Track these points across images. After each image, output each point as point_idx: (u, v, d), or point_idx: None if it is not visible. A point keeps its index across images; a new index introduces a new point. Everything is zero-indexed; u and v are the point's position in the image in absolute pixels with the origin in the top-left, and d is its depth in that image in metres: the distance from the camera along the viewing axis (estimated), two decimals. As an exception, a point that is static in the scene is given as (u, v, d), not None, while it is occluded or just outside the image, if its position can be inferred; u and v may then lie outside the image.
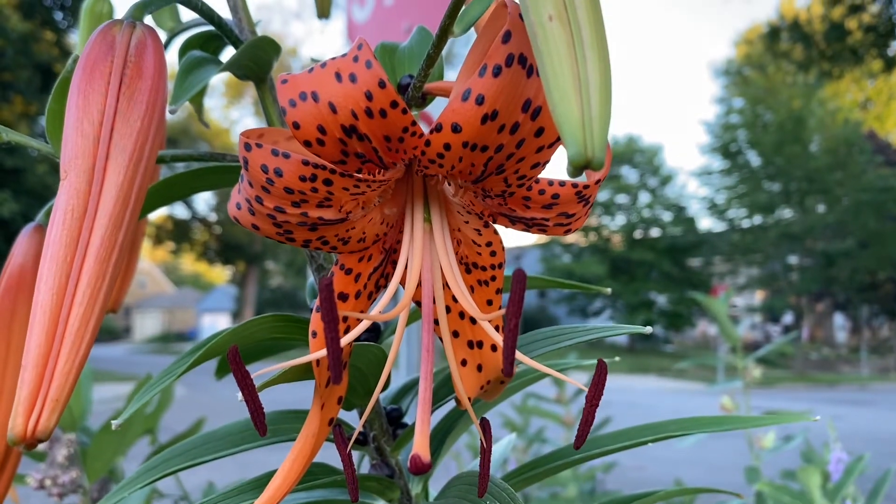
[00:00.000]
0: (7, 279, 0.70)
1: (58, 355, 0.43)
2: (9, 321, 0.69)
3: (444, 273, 0.52)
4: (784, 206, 32.68)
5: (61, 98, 0.64)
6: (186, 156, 0.71)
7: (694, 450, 9.43)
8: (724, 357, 4.43)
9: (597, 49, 0.39)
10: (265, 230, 0.54)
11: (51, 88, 0.65)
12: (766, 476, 3.64)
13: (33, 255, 0.71)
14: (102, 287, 0.45)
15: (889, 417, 14.56)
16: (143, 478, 0.71)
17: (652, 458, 9.25)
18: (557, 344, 0.64)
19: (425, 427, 0.45)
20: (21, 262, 0.70)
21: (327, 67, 0.46)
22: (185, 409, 2.32)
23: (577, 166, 0.36)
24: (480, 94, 0.45)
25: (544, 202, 0.53)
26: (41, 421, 0.41)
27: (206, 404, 14.34)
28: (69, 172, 0.46)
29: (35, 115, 23.96)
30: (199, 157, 0.72)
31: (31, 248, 0.71)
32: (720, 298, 4.22)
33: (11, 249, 0.72)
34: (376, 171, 0.50)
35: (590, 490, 4.04)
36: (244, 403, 0.51)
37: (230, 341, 0.64)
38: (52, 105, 0.65)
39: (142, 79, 0.50)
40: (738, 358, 4.15)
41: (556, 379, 4.32)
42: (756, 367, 4.25)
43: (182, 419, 2.54)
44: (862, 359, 27.95)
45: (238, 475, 2.66)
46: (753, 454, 3.79)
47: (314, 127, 0.46)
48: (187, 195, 0.75)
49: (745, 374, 4.16)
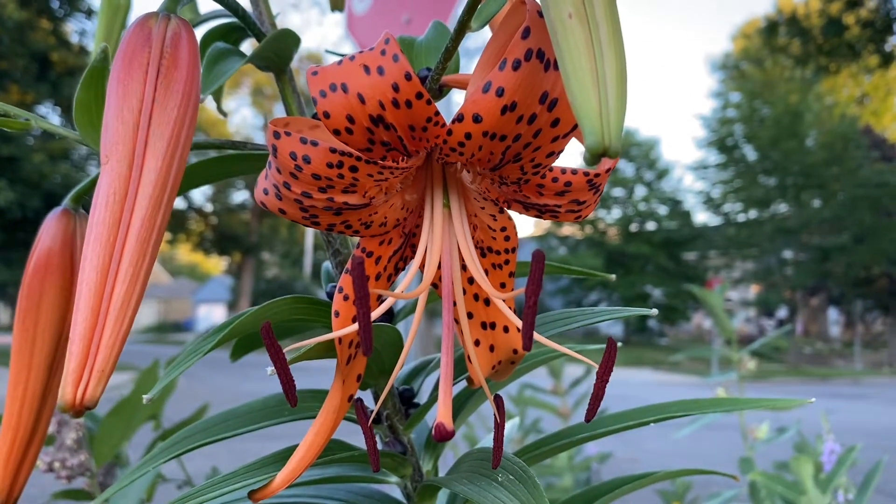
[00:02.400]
0: (36, 261, 0.72)
1: (102, 330, 0.45)
2: (37, 301, 0.72)
3: (461, 255, 0.55)
4: (780, 201, 32.77)
5: (89, 88, 0.67)
6: (207, 144, 0.74)
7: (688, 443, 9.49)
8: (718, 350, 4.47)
9: (613, 45, 0.42)
10: (292, 214, 0.57)
11: (47, 77, 0.68)
12: (760, 467, 3.68)
13: (61, 237, 0.73)
14: (143, 265, 0.48)
15: (882, 411, 14.66)
16: (171, 451, 0.73)
17: (646, 451, 9.31)
18: (568, 325, 0.67)
19: (448, 398, 0.48)
20: (49, 245, 0.72)
21: (356, 60, 0.49)
22: (183, 399, 2.35)
23: (595, 154, 0.39)
24: (500, 87, 0.48)
25: (557, 189, 0.56)
26: (88, 389, 0.44)
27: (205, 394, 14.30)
28: (111, 157, 0.48)
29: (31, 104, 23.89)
30: (219, 145, 0.75)
31: (59, 231, 0.73)
32: (716, 291, 4.24)
33: (38, 232, 0.74)
34: (400, 159, 0.53)
35: (585, 479, 4.08)
36: (242, 395, 0.54)
37: (254, 321, 0.67)
38: (80, 95, 0.68)
39: (177, 69, 0.52)
40: (732, 351, 4.18)
41: (553, 370, 4.35)
42: (750, 359, 4.29)
43: (181, 409, 2.56)
44: (855, 353, 28.09)
45: (230, 463, 2.68)
46: (747, 445, 3.84)
47: (343, 116, 0.49)
48: (209, 182, 0.77)
49: (740, 367, 4.19)
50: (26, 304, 0.72)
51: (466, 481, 0.62)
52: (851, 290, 31.07)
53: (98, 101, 0.67)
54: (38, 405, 0.73)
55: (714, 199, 34.52)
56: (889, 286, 30.58)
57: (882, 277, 30.49)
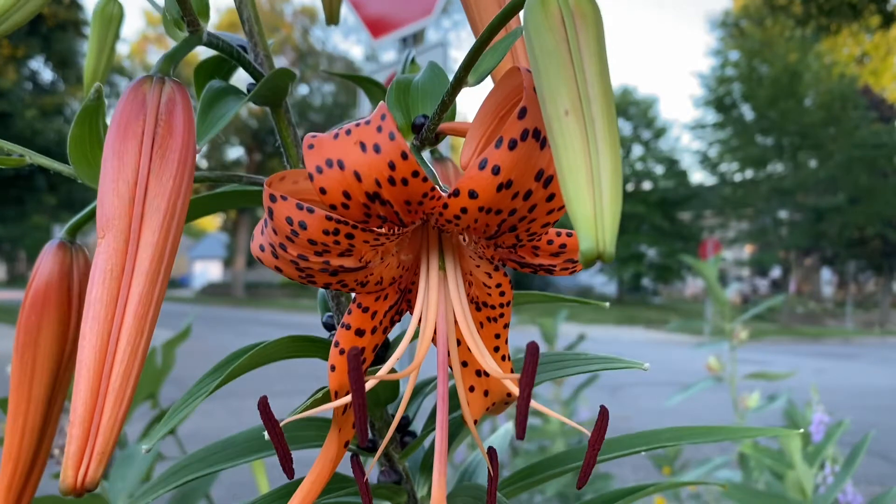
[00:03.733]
0: (33, 296, 0.73)
1: (102, 411, 0.46)
2: (35, 336, 0.73)
3: (457, 322, 0.55)
4: (776, 161, 32.70)
5: (83, 125, 0.67)
6: (202, 178, 0.74)
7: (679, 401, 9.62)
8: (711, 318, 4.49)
9: (609, 142, 0.42)
10: (288, 273, 0.57)
11: (38, 31, 0.67)
12: (749, 434, 3.73)
13: (58, 271, 0.74)
14: (141, 343, 0.48)
15: (871, 371, 14.85)
16: (163, 484, 0.75)
17: (637, 409, 9.44)
18: (562, 371, 0.68)
19: (442, 479, 0.49)
20: (46, 280, 0.73)
21: (352, 135, 0.49)
22: (182, 356, 2.37)
23: (590, 259, 0.40)
24: (497, 165, 0.48)
25: (552, 251, 0.57)
26: (89, 473, 0.45)
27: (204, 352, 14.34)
28: (107, 233, 0.48)
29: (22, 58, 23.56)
30: (215, 178, 0.75)
31: (56, 265, 0.73)
32: (710, 261, 4.25)
33: (35, 266, 0.75)
34: (396, 228, 0.53)
35: (577, 443, 4.14)
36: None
37: (251, 364, 0.67)
38: (74, 131, 0.67)
39: (172, 136, 0.52)
40: (725, 321, 4.21)
41: (547, 337, 4.37)
42: (743, 328, 4.32)
43: (179, 366, 2.57)
44: (847, 313, 28.34)
45: (228, 421, 2.68)
46: (738, 414, 3.89)
47: (340, 192, 0.49)
48: (204, 215, 0.78)
49: (733, 336, 4.22)
50: (24, 339, 0.73)
51: (460, 524, 0.63)
52: (845, 250, 31.21)
53: (92, 138, 0.67)
54: (38, 437, 0.74)
55: (711, 159, 34.45)
56: (882, 247, 30.72)
57: (875, 238, 30.61)
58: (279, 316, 26.88)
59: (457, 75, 0.58)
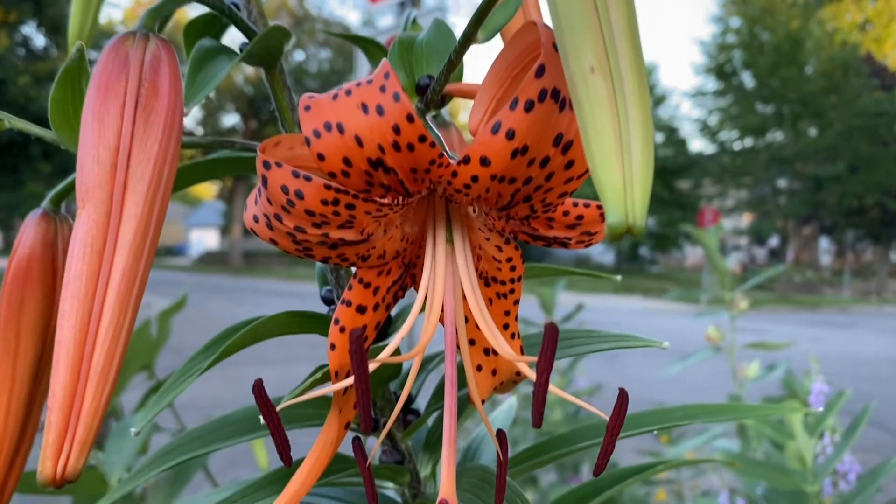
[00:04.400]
0: (15, 268, 0.69)
1: (83, 396, 0.42)
2: (18, 310, 0.69)
3: (466, 300, 0.51)
4: (776, 129, 32.51)
5: (64, 87, 0.62)
6: (193, 143, 0.70)
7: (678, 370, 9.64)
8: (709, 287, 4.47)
9: (639, 103, 0.38)
10: (284, 245, 0.53)
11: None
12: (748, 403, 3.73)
13: (41, 242, 0.70)
14: (125, 322, 0.44)
15: (868, 339, 14.89)
16: (157, 464, 0.72)
17: (635, 379, 9.46)
18: (573, 349, 0.64)
19: (452, 469, 0.45)
20: (28, 252, 0.69)
21: (353, 96, 0.45)
22: (177, 323, 2.34)
23: (618, 233, 0.36)
24: (511, 129, 0.44)
25: (568, 223, 0.53)
26: (70, 463, 0.42)
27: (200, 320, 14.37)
28: (87, 203, 0.44)
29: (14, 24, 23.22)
30: (206, 144, 0.71)
31: (39, 236, 0.70)
32: (711, 231, 4.21)
33: (18, 236, 0.71)
34: (400, 198, 0.49)
35: (574, 412, 4.14)
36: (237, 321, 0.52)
37: (246, 340, 0.64)
38: (55, 94, 0.63)
39: (158, 98, 0.48)
40: (725, 291, 4.19)
41: (545, 304, 4.35)
42: (743, 298, 4.30)
43: (175, 332, 2.54)
44: (844, 282, 28.39)
45: (225, 390, 2.65)
46: (737, 384, 3.88)
47: (339, 159, 0.45)
48: (195, 184, 0.73)
49: (733, 306, 4.20)
50: (6, 313, 0.69)
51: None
52: (843, 219, 31.18)
53: (75, 101, 0.62)
54: (24, 415, 0.71)
55: (710, 127, 34.22)
56: (881, 216, 30.69)
57: (874, 207, 30.57)
58: (277, 284, 26.87)
59: (466, 31, 0.54)
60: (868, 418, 2.70)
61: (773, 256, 36.87)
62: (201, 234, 51.88)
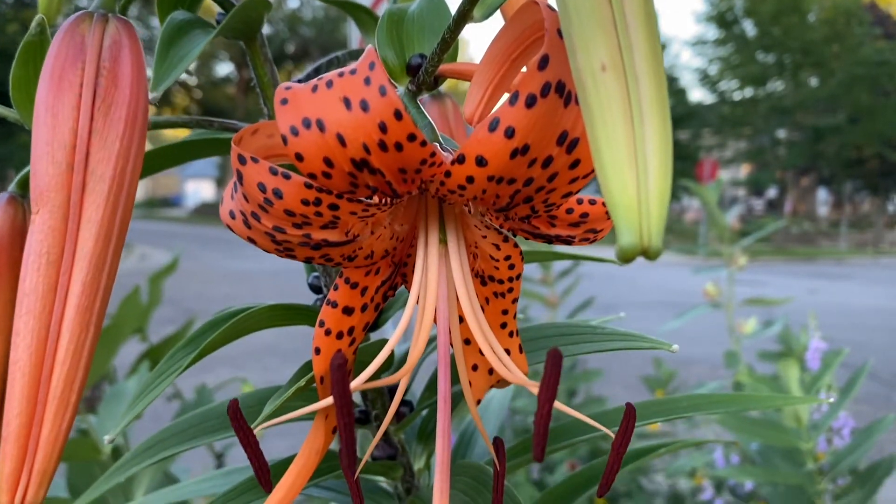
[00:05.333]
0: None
1: (41, 422, 0.39)
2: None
3: (461, 306, 0.47)
4: (777, 79, 32.15)
5: (26, 64, 0.57)
6: (168, 123, 0.65)
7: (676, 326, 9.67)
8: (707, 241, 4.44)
9: (657, 106, 0.33)
10: (263, 245, 0.49)
11: None
12: (745, 357, 3.74)
13: (8, 230, 0.65)
14: (87, 339, 0.40)
15: (863, 291, 14.93)
16: (138, 460, 0.69)
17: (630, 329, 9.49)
18: (575, 346, 0.61)
19: (445, 497, 0.42)
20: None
21: (334, 89, 0.40)
22: (175, 275, 2.32)
23: (630, 256, 0.31)
24: (510, 127, 0.39)
25: (571, 221, 0.49)
26: (28, 496, 0.38)
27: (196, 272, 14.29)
28: (41, 207, 0.40)
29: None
30: (183, 123, 0.66)
31: (5, 223, 0.65)
32: (712, 185, 4.17)
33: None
34: (388, 199, 0.44)
35: (570, 366, 4.14)
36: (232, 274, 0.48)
37: (226, 338, 0.60)
38: (16, 72, 0.58)
39: (118, 89, 0.43)
40: (724, 246, 4.16)
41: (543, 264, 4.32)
42: (743, 254, 4.28)
43: (171, 286, 2.51)
44: (841, 233, 28.39)
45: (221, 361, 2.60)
46: (734, 339, 3.88)
47: (320, 159, 0.41)
48: (170, 167, 0.69)
49: (731, 262, 4.18)
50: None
51: (462, 514, 0.57)
52: (842, 170, 31.04)
53: (38, 79, 0.58)
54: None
55: (710, 77, 33.82)
56: (880, 167, 30.55)
57: (873, 158, 30.41)
58: (274, 236, 26.70)
59: (460, 8, 0.48)
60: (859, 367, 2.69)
61: (770, 208, 36.80)
62: (197, 185, 51.59)
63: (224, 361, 5.45)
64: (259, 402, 0.70)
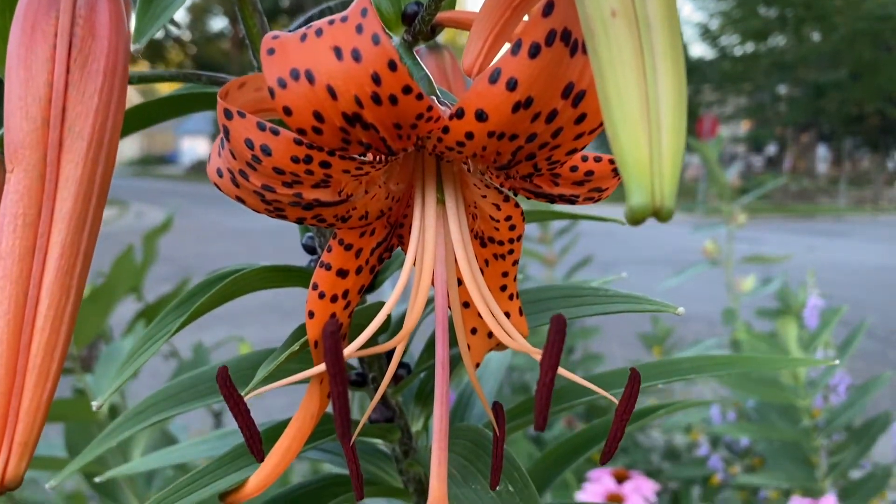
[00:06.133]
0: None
1: (21, 392, 0.37)
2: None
3: (459, 269, 0.45)
4: (778, 34, 31.73)
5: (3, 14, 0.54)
6: (155, 76, 0.62)
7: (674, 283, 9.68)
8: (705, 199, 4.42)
9: (671, 56, 0.31)
10: (252, 205, 0.47)
11: None
12: (743, 314, 3.74)
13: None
14: (68, 304, 0.38)
15: (861, 248, 14.94)
16: (129, 424, 0.67)
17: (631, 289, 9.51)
18: (576, 309, 0.59)
19: (443, 470, 0.40)
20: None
21: (324, 37, 0.37)
22: (171, 233, 2.30)
23: (641, 217, 0.29)
24: (513, 78, 0.37)
25: (575, 179, 0.46)
26: (9, 468, 0.36)
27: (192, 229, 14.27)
28: (16, 166, 0.37)
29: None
30: (170, 77, 0.63)
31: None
32: (712, 142, 4.13)
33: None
34: (383, 157, 0.42)
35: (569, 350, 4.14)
36: (228, 232, 0.47)
37: (218, 300, 0.58)
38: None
39: (95, 39, 0.40)
40: (724, 203, 4.14)
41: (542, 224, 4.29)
42: (742, 212, 4.26)
43: (167, 244, 2.49)
44: (840, 190, 28.32)
45: (218, 321, 2.58)
46: (732, 297, 3.88)
47: (309, 113, 0.38)
48: (157, 122, 0.66)
49: (731, 220, 4.16)
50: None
51: (460, 479, 0.56)
52: (842, 127, 30.85)
53: (13, 30, 0.55)
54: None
55: (711, 31, 33.37)
56: (880, 123, 30.35)
57: (874, 115, 30.19)
58: (271, 193, 26.62)
59: (459, -47, 0.46)
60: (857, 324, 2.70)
61: (770, 164, 36.65)
62: (193, 142, 51.18)
63: (222, 319, 5.45)
64: (253, 367, 0.68)
